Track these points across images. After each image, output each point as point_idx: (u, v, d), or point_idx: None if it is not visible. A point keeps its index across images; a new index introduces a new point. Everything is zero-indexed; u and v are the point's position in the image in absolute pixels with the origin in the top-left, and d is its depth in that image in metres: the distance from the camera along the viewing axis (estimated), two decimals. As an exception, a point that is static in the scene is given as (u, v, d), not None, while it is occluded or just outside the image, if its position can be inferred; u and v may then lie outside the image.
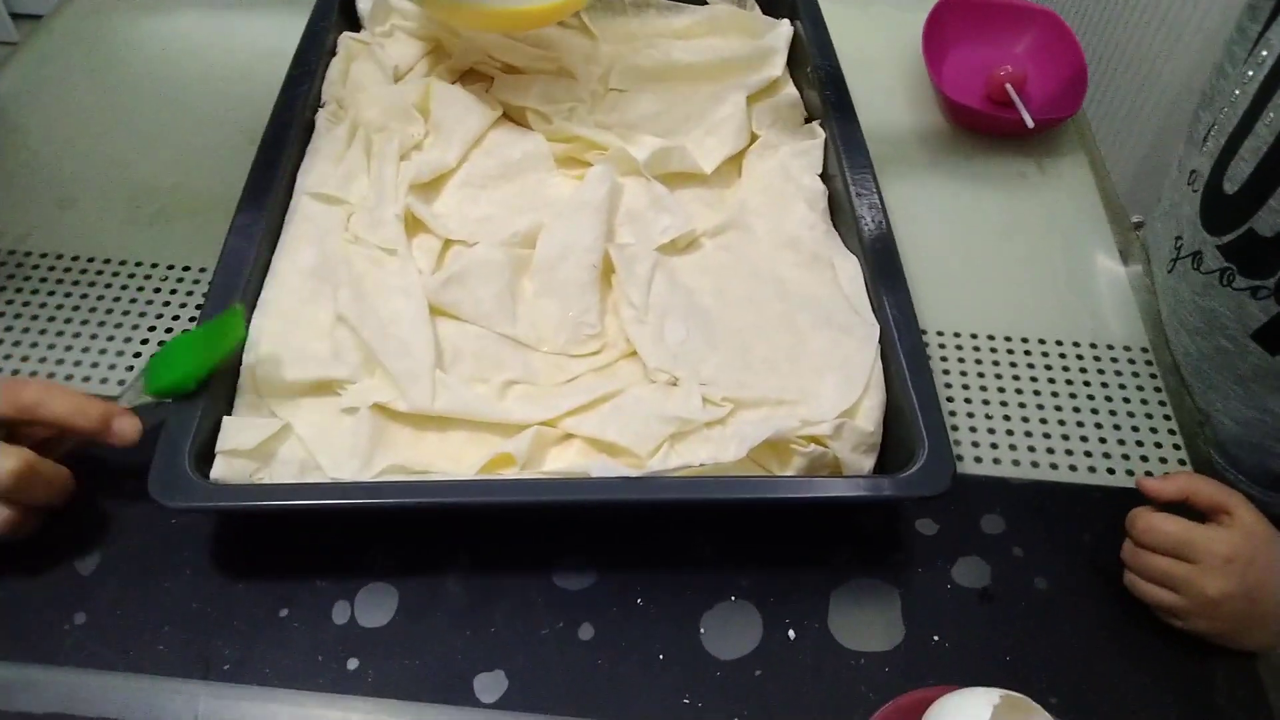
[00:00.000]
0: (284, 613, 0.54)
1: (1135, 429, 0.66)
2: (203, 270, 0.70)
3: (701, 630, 0.54)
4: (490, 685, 0.52)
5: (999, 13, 0.92)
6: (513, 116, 0.78)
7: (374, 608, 0.54)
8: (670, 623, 0.55)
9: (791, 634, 0.54)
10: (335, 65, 0.77)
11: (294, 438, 0.56)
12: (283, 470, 0.55)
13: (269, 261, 0.64)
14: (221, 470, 0.53)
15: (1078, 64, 0.87)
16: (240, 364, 0.58)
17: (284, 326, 0.60)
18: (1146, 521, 0.54)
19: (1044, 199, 0.82)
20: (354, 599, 0.54)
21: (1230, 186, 0.62)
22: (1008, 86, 0.85)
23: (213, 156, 0.77)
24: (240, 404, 0.57)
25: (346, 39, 0.79)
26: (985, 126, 0.86)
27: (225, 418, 0.56)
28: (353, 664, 0.52)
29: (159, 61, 0.86)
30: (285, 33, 0.77)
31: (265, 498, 0.52)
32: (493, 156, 0.73)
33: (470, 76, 0.80)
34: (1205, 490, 0.54)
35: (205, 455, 0.53)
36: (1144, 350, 0.71)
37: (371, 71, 0.77)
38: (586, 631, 0.54)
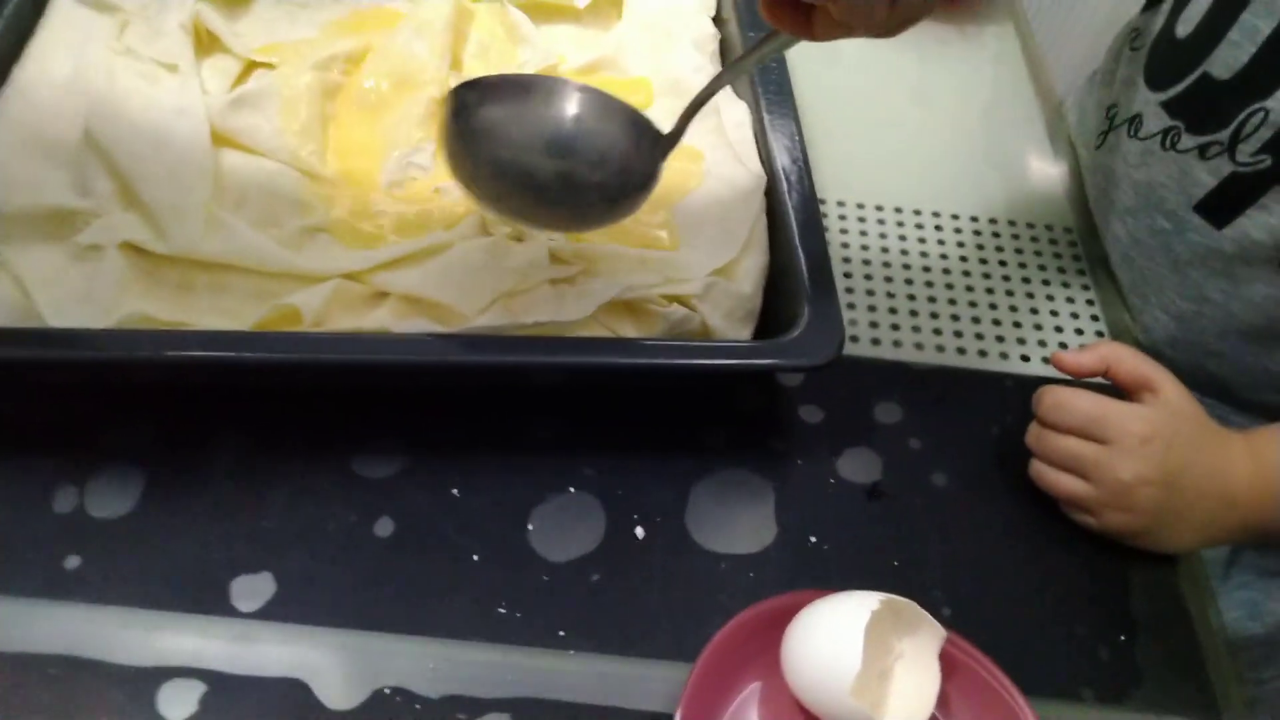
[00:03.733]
0: (-12, 499, 0.42)
1: (1055, 313, 0.58)
2: (-61, 90, 0.55)
3: (529, 527, 0.44)
4: (252, 589, 0.41)
5: None
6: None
7: (109, 494, 0.43)
8: (491, 517, 0.44)
9: (640, 532, 0.45)
10: None
11: (6, 276, 0.43)
12: (-9, 317, 0.42)
13: (8, 71, 0.50)
14: (-99, 313, 0.41)
15: (1010, -80, 0.77)
16: (-51, 187, 0.45)
17: (15, 145, 0.47)
18: (1055, 397, 0.46)
19: (964, 68, 0.73)
20: (84, 483, 0.43)
21: (1184, 29, 0.53)
22: (932, -59, 0.75)
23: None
24: (-58, 236, 0.44)
25: None
26: (905, -15, 0.75)
27: (-83, 250, 0.43)
28: (73, 562, 0.41)
29: None
30: None
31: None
32: (318, -30, 0.60)
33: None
34: (1128, 361, 0.46)
35: (-117, 295, 0.41)
36: (1067, 230, 0.62)
37: None
38: (385, 527, 0.43)
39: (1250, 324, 0.53)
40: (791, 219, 0.49)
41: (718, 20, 0.63)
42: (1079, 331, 0.57)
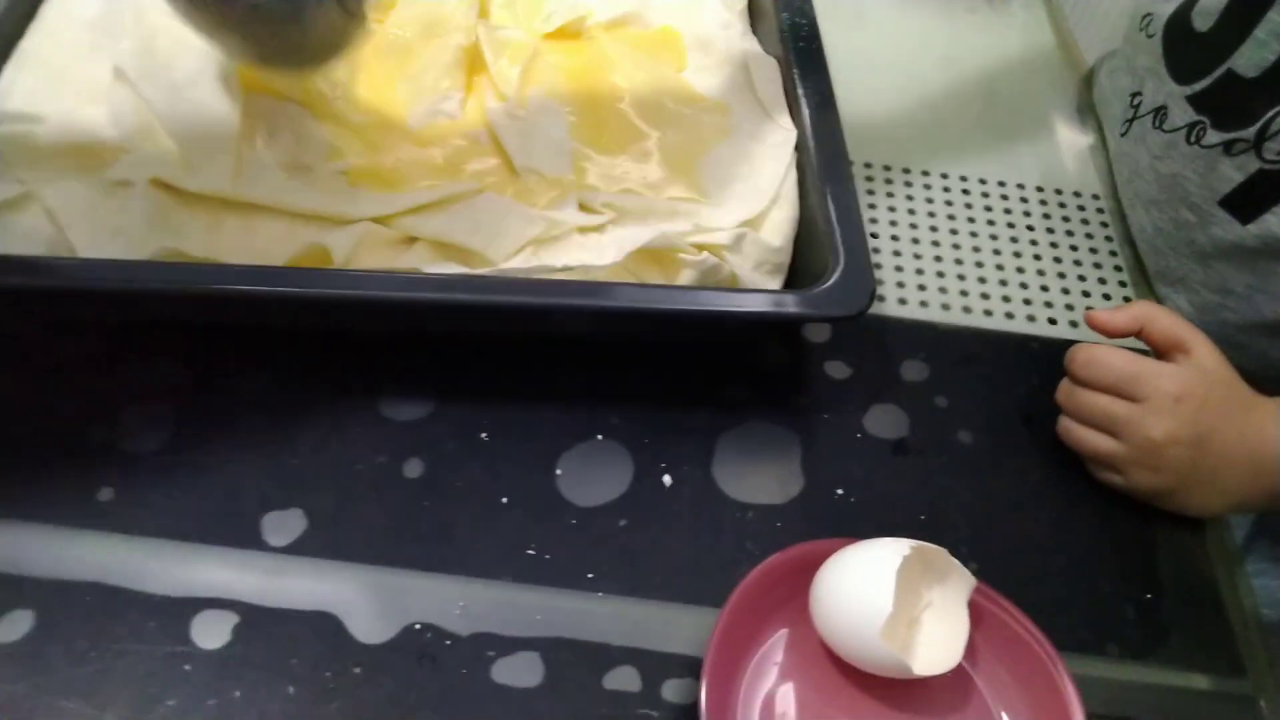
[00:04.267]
0: (21, 431, 0.42)
1: (1082, 277, 0.57)
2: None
3: (558, 472, 0.44)
4: (283, 525, 0.41)
5: None
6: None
7: (142, 429, 0.43)
8: (520, 462, 0.44)
9: (667, 480, 0.45)
10: None
11: (40, 209, 0.43)
12: (22, 248, 0.42)
13: (36, 9, 0.50)
14: (-65, 243, 0.41)
15: (1041, -113, 0.76)
16: (-20, 120, 0.45)
17: (46, 82, 0.47)
18: (1088, 354, 0.46)
19: (993, 37, 0.72)
20: (117, 418, 0.43)
21: (1202, 22, 0.52)
22: (962, -93, 0.74)
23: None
24: (-26, 169, 0.44)
25: None
26: (934, -49, 0.75)
27: (-50, 182, 0.43)
28: (106, 494, 0.41)
29: None
30: None
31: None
32: (345, -81, 0.60)
33: None
34: (1162, 321, 0.46)
35: (-85, 224, 0.41)
36: (1095, 197, 0.62)
37: None
38: (414, 468, 0.43)
39: (1274, 318, 0.52)
40: (822, 174, 0.49)
41: (746, -22, 0.63)
42: (1106, 297, 0.57)
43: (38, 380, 0.43)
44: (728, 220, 0.48)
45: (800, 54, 0.55)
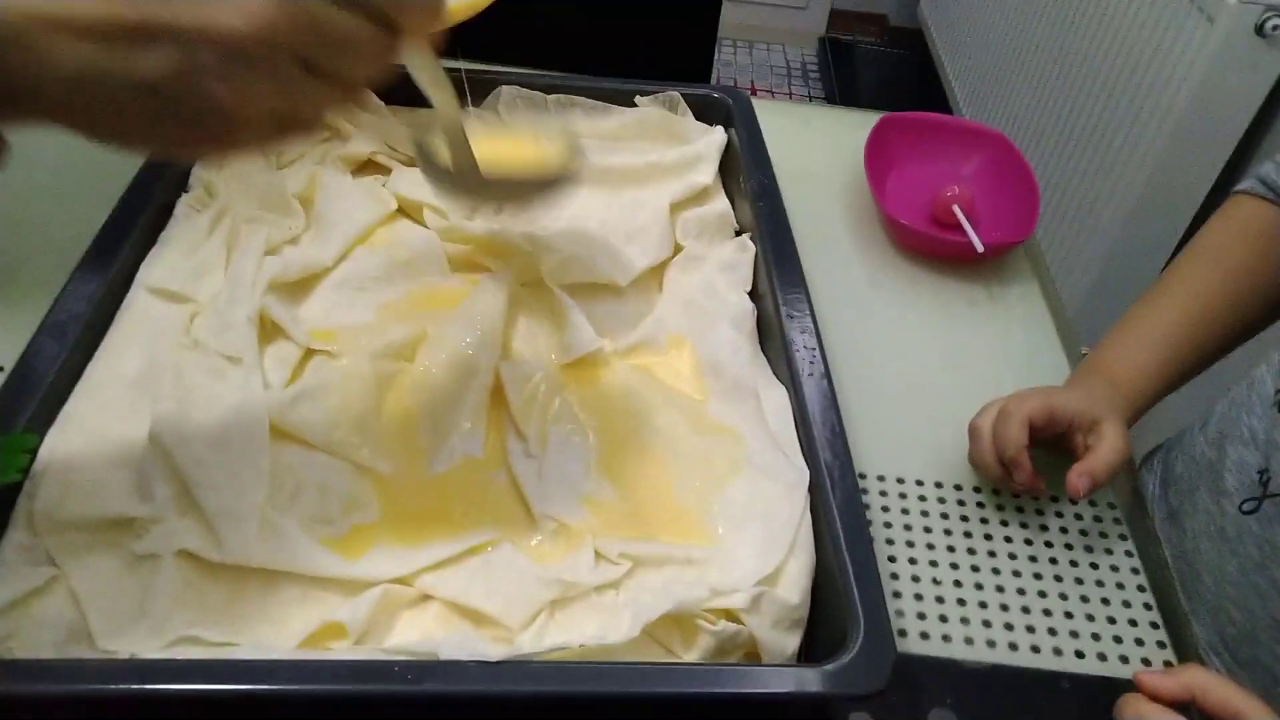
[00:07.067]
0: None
1: (1105, 600, 0.56)
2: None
3: None
4: None
5: (946, 134, 0.87)
6: (408, 213, 0.69)
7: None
8: None
9: None
10: (208, 146, 0.68)
11: (66, 592, 0.44)
12: (44, 636, 0.43)
13: (83, 366, 0.53)
14: (-42, 636, 0.41)
15: (1029, 188, 0.81)
16: (17, 492, 0.47)
17: (84, 448, 0.49)
18: (1136, 710, 0.44)
19: (995, 329, 0.75)
20: (120, 814, 0.42)
21: None
22: (955, 208, 0.79)
23: (46, 243, 0.66)
24: (7, 545, 0.45)
25: (227, 119, 0.70)
26: (932, 249, 0.79)
27: (-19, 564, 0.44)
28: None
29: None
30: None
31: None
32: (378, 255, 0.64)
33: (367, 168, 0.72)
34: (1216, 693, 0.44)
35: (-59, 614, 0.41)
36: (1111, 506, 0.62)
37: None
38: None
39: None
40: (837, 522, 0.49)
41: (754, 295, 0.66)
42: (1133, 623, 0.56)
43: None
44: (744, 572, 0.48)
45: (810, 383, 0.57)
